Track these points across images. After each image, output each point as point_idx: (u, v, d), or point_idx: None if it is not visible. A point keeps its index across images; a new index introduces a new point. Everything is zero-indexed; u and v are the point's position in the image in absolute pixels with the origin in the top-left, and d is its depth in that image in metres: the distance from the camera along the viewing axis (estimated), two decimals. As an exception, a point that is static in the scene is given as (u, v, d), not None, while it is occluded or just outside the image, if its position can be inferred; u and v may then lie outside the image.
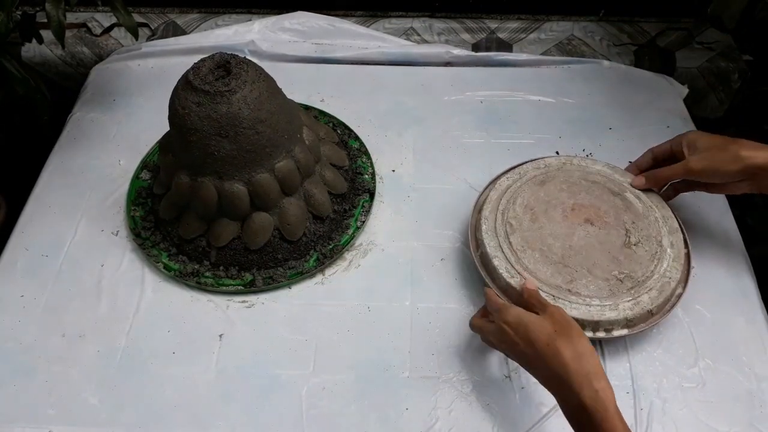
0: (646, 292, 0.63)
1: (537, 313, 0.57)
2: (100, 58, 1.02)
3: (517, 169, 0.75)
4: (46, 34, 0.79)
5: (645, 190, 0.71)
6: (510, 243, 0.67)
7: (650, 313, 0.63)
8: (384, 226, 0.77)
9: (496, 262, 0.66)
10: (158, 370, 0.65)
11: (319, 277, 0.73)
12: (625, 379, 0.64)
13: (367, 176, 0.81)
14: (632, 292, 0.63)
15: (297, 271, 0.72)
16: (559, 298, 0.63)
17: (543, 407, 0.62)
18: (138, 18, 1.03)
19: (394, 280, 0.72)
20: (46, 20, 0.73)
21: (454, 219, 0.77)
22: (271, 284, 0.71)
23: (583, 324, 0.62)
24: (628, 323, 0.63)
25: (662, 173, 0.69)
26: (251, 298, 0.71)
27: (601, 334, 0.63)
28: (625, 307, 0.62)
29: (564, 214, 0.69)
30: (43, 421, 0.62)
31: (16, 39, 0.79)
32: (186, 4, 1.06)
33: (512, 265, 0.65)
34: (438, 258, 0.74)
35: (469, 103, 0.92)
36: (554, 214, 0.69)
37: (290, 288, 0.72)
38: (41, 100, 0.80)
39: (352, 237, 0.75)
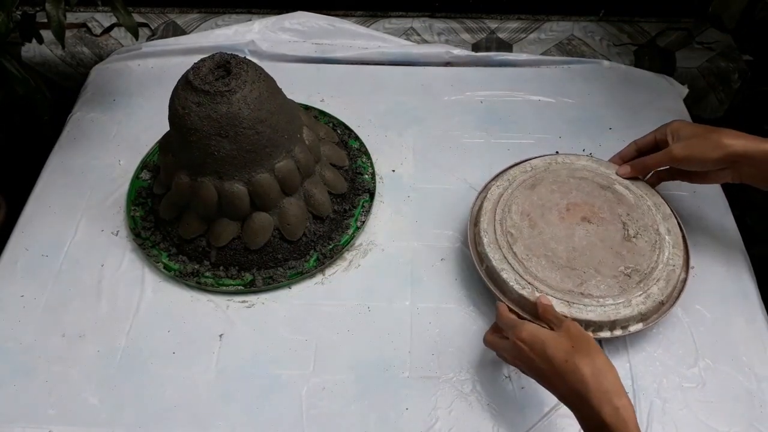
0: (655, 284, 0.64)
1: (552, 328, 0.57)
2: (100, 58, 1.02)
3: (504, 176, 0.74)
4: (46, 34, 0.79)
5: (631, 179, 0.72)
6: (514, 253, 0.66)
7: (661, 304, 0.64)
8: (384, 226, 0.77)
9: (504, 275, 0.65)
10: (158, 370, 0.65)
11: (319, 277, 0.73)
12: (625, 379, 0.64)
13: (367, 176, 0.81)
14: (641, 285, 0.63)
15: (297, 271, 0.72)
16: (573, 303, 0.62)
17: (543, 407, 0.62)
18: (138, 18, 1.03)
19: (394, 280, 0.72)
20: (46, 20, 0.73)
21: (454, 219, 0.77)
22: (271, 284, 0.71)
23: (601, 325, 0.62)
24: (642, 317, 0.63)
25: (646, 161, 0.70)
26: (251, 298, 0.71)
27: (618, 332, 0.63)
28: (637, 302, 0.62)
29: (560, 215, 0.69)
30: (43, 421, 0.62)
31: (16, 39, 0.79)
32: (186, 4, 1.06)
33: (521, 276, 0.65)
34: (438, 258, 0.74)
35: (469, 103, 0.92)
36: (551, 217, 0.69)
37: (290, 288, 0.72)
38: (41, 100, 0.80)
39: (352, 237, 0.75)
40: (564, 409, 0.62)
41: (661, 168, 0.71)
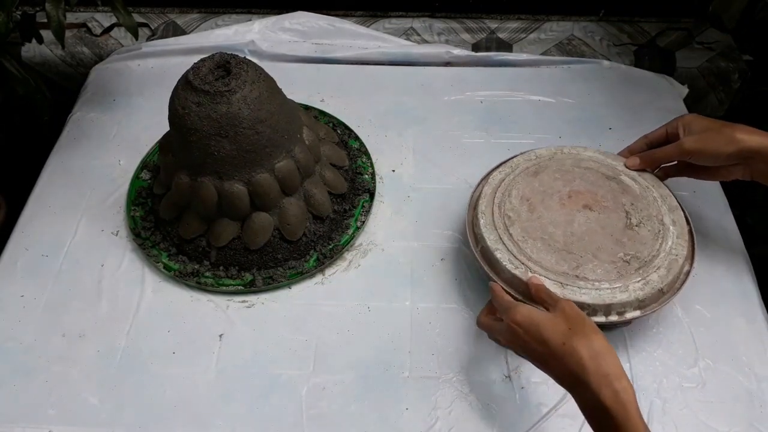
0: (655, 271, 0.62)
1: (547, 309, 0.55)
2: (100, 58, 1.02)
3: (508, 163, 0.74)
4: (46, 34, 0.79)
5: (639, 172, 0.71)
6: (510, 234, 0.65)
7: (661, 292, 0.62)
8: (384, 226, 0.77)
9: (498, 254, 0.64)
10: (158, 370, 0.65)
11: (319, 277, 0.73)
12: (625, 379, 0.64)
13: (367, 176, 0.81)
14: (641, 272, 0.62)
15: (297, 271, 0.72)
16: (567, 284, 0.61)
17: (543, 407, 0.62)
18: (138, 18, 1.03)
19: (394, 280, 0.72)
20: (46, 20, 0.73)
21: (454, 219, 0.77)
22: (271, 284, 0.71)
23: (595, 308, 0.60)
24: (640, 304, 0.61)
25: (656, 153, 0.69)
26: (251, 298, 0.71)
27: (613, 318, 0.61)
28: (635, 288, 0.61)
29: (561, 202, 0.68)
30: (43, 421, 0.62)
31: (17, 39, 0.79)
32: (186, 4, 1.06)
33: (515, 256, 0.63)
34: (438, 258, 0.74)
35: (469, 103, 0.92)
36: (551, 203, 0.68)
37: (290, 288, 0.72)
38: (41, 100, 0.80)
39: (352, 237, 0.75)
40: (564, 409, 0.62)
41: (669, 163, 0.70)
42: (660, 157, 0.69)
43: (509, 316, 0.55)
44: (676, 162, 0.70)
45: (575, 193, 0.68)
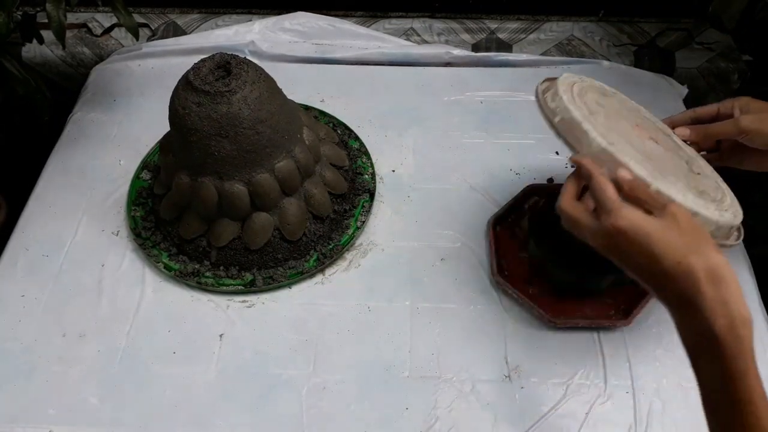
0: (726, 210, 0.56)
1: (648, 212, 0.47)
2: (101, 59, 1.02)
3: (573, 74, 0.66)
4: (47, 35, 0.79)
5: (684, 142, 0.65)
6: (596, 119, 0.56)
7: (730, 231, 0.56)
8: (384, 226, 0.77)
9: (585, 126, 0.54)
10: (158, 370, 0.65)
11: (319, 277, 0.73)
12: (625, 379, 0.64)
13: (367, 176, 0.81)
14: (715, 205, 0.56)
15: (297, 271, 0.72)
16: (659, 178, 0.52)
17: (543, 407, 0.62)
18: (138, 18, 1.03)
19: (394, 280, 0.72)
20: (46, 20, 0.73)
21: (454, 219, 0.77)
22: (272, 284, 0.71)
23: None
24: (716, 231, 0.54)
25: (711, 128, 0.63)
26: (251, 298, 0.71)
27: None
28: (713, 214, 0.54)
29: (631, 125, 0.60)
30: (43, 421, 0.62)
31: (17, 39, 0.79)
32: (186, 5, 1.06)
33: (604, 135, 0.54)
34: (438, 258, 0.74)
35: (469, 103, 0.92)
36: (623, 122, 0.60)
37: (290, 288, 0.72)
38: (41, 100, 0.80)
39: (352, 237, 0.75)
40: (564, 409, 0.62)
41: (711, 148, 0.65)
42: (714, 132, 0.63)
43: (610, 219, 0.46)
44: (719, 147, 0.66)
45: (639, 127, 0.62)
